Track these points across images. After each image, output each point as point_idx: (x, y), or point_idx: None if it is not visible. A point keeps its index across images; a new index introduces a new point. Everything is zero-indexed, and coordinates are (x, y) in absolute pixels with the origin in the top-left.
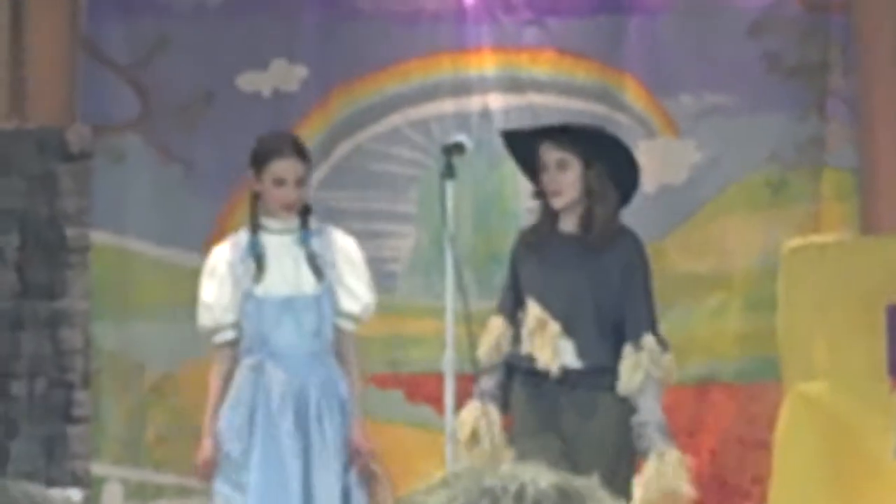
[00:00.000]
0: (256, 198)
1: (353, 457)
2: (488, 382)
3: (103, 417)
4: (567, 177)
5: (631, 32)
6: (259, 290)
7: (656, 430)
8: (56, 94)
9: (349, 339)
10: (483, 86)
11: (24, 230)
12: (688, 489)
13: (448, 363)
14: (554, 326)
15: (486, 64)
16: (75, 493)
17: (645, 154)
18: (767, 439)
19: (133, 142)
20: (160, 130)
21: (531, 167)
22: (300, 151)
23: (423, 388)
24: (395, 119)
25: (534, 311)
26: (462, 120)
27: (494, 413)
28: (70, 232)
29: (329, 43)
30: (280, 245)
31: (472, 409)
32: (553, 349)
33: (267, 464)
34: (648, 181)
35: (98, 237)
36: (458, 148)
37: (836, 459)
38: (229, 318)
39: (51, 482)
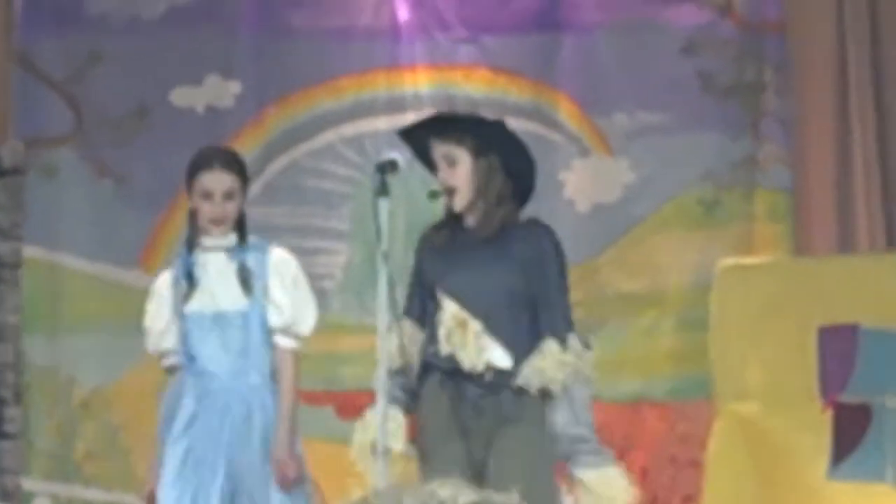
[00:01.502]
0: (193, 215)
1: (276, 472)
2: (392, 385)
3: (33, 432)
4: (458, 172)
5: (565, 51)
6: (188, 308)
7: (593, 448)
8: None
9: (285, 356)
10: (417, 103)
11: None
12: (629, 498)
13: (380, 380)
14: (475, 325)
15: (420, 81)
16: None
17: (579, 172)
18: (699, 458)
19: (67, 156)
20: (94, 145)
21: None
22: (230, 164)
23: (355, 405)
24: (329, 136)
25: (450, 309)
26: (396, 137)
27: (400, 416)
28: (2, 247)
29: (263, 59)
30: (215, 262)
31: (375, 413)
32: (477, 348)
33: (187, 488)
34: (582, 200)
35: (30, 252)
36: (391, 165)
37: (767, 480)
38: (169, 342)
39: None
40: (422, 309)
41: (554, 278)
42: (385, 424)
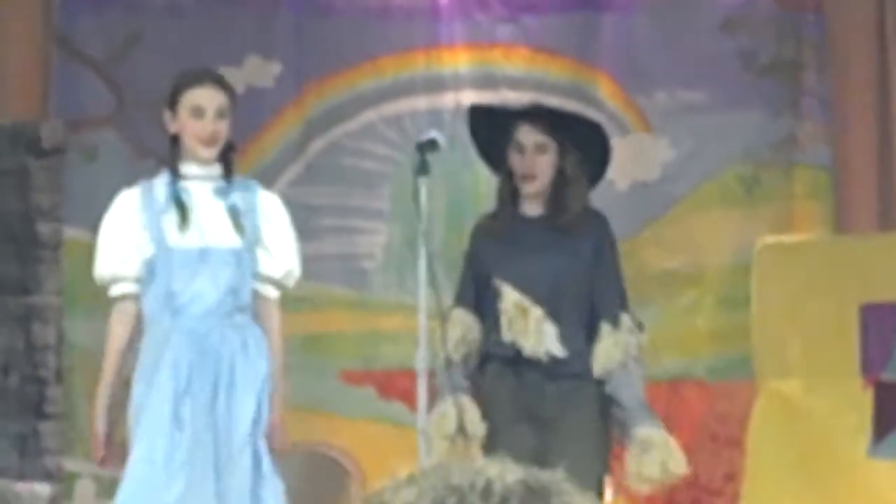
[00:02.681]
0: (175, 141)
1: (270, 437)
2: (457, 375)
3: (76, 414)
4: (544, 160)
5: (604, 29)
6: (172, 241)
7: (636, 412)
8: (29, 90)
9: (271, 308)
10: (457, 82)
11: None
12: (673, 466)
13: (420, 360)
14: (536, 311)
15: (459, 60)
16: (43, 488)
17: (618, 151)
18: (740, 437)
19: (106, 137)
20: (134, 126)
21: (492, 147)
22: (221, 82)
23: (396, 385)
24: (369, 115)
25: (511, 297)
26: (436, 116)
27: (472, 405)
28: (43, 227)
29: (303, 39)
30: (198, 193)
31: (451, 403)
32: (538, 335)
33: (171, 433)
34: (622, 178)
35: (71, 233)
36: (431, 144)
37: (808, 457)
38: (130, 269)
39: (23, 478)
40: (476, 297)
41: (609, 264)
42: (463, 414)
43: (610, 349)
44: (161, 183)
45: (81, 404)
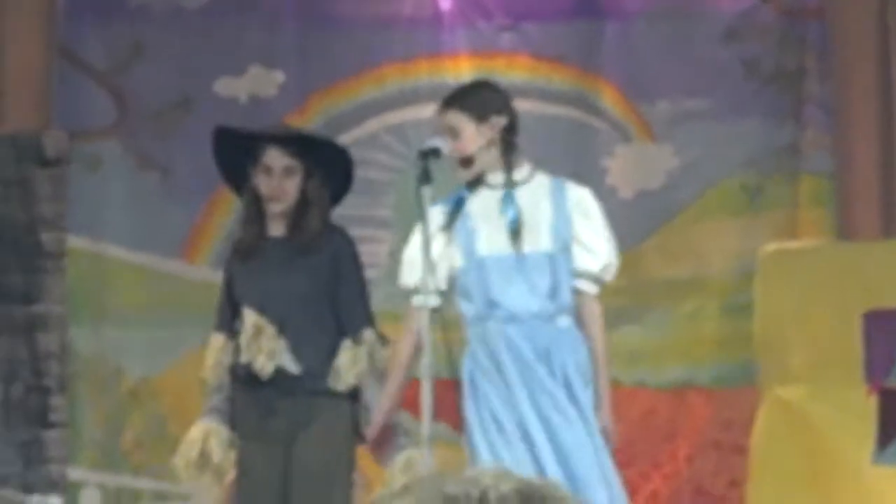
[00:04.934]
0: (469, 161)
1: (604, 438)
2: (215, 398)
3: (80, 422)
4: (291, 183)
5: (607, 37)
6: (481, 250)
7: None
8: (32, 100)
9: (591, 304)
10: None
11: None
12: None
13: (426, 368)
14: (270, 329)
15: (462, 69)
16: (55, 501)
17: (622, 159)
18: (744, 444)
19: (110, 147)
20: (137, 136)
21: (234, 166)
22: None
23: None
24: (373, 124)
25: (250, 318)
26: (438, 126)
27: (222, 429)
28: (46, 237)
29: (306, 49)
30: (493, 200)
31: (199, 428)
32: (269, 352)
33: (509, 437)
34: (625, 186)
35: (74, 242)
36: (434, 153)
37: (813, 464)
38: (434, 281)
39: (27, 487)
40: (231, 320)
41: (351, 281)
42: (209, 439)
43: (346, 364)
44: (456, 193)
45: (85, 413)
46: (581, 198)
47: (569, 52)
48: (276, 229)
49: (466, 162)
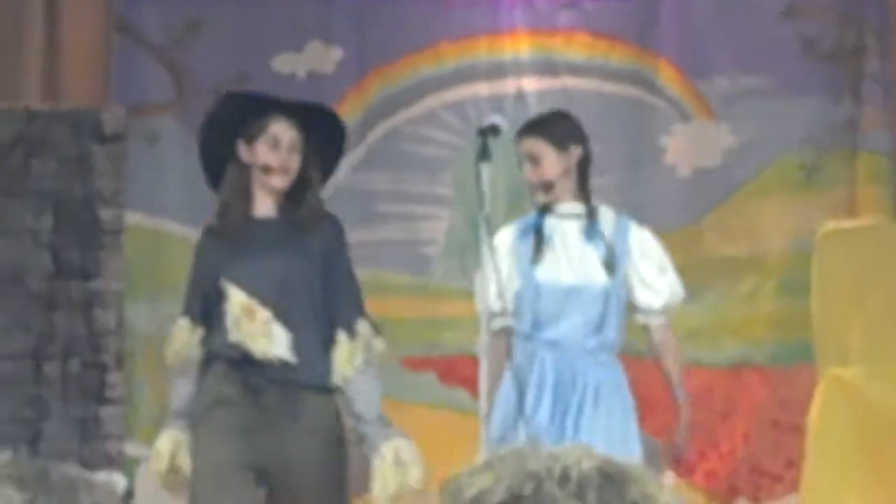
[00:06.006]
0: (550, 186)
1: (675, 460)
2: (179, 400)
3: (136, 398)
4: (296, 158)
5: (664, 15)
6: (541, 275)
7: (375, 423)
8: (91, 75)
9: (662, 334)
10: (517, 68)
11: (58, 211)
12: (419, 477)
13: (482, 346)
14: (263, 313)
15: (520, 46)
16: (119, 479)
17: (679, 137)
18: (801, 423)
19: (167, 123)
20: (195, 112)
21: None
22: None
23: (457, 371)
24: (431, 101)
25: (237, 297)
26: (497, 102)
27: (186, 440)
28: (104, 213)
29: (365, 25)
30: (569, 231)
31: (167, 438)
32: (267, 336)
33: None
34: (683, 165)
35: (132, 218)
36: (493, 130)
37: (870, 444)
38: (504, 304)
39: (84, 463)
40: (201, 305)
41: (342, 270)
42: (178, 452)
43: (343, 358)
44: (531, 216)
45: (142, 389)
46: (643, 239)
47: (626, 30)
48: (264, 208)
49: (548, 187)
